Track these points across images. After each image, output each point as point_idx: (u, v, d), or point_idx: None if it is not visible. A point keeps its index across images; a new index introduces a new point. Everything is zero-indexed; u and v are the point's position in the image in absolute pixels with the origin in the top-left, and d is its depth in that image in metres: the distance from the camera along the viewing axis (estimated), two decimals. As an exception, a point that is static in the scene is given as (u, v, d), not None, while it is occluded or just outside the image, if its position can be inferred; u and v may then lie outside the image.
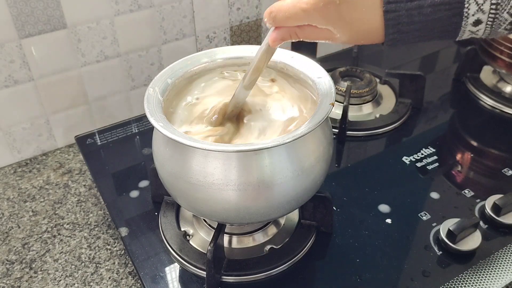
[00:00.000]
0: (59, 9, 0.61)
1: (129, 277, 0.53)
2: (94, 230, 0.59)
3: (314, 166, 0.44)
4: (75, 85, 0.68)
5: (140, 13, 0.68)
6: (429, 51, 0.90)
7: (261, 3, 0.78)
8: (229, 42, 0.79)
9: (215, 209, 0.44)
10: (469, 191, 0.59)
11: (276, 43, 0.41)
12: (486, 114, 0.75)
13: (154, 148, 0.46)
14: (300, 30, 0.39)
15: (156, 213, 0.57)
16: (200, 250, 0.52)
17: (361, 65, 0.81)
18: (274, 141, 0.39)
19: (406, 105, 0.73)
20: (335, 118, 0.69)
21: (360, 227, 0.55)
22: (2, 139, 0.67)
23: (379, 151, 0.67)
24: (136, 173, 0.63)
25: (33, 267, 0.54)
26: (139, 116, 0.73)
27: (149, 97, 0.45)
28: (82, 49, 0.66)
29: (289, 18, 0.38)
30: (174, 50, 0.74)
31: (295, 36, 0.40)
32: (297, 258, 0.51)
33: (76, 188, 0.65)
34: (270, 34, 0.41)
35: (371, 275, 0.50)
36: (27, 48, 0.62)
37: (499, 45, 0.72)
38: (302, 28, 0.39)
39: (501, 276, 0.49)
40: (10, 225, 0.60)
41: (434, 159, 0.64)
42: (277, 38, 0.40)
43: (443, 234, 0.52)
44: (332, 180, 0.61)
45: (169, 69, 0.49)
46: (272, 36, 0.40)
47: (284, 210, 0.46)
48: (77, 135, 0.69)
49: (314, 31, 0.38)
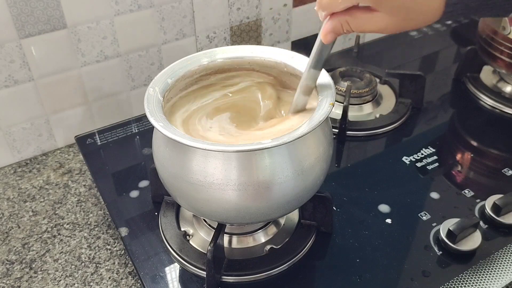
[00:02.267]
0: (59, 9, 0.61)
1: (129, 277, 0.53)
2: (94, 230, 0.59)
3: (314, 166, 0.44)
4: (75, 85, 0.68)
5: (140, 13, 0.68)
6: (429, 51, 0.90)
7: (261, 3, 0.78)
8: (229, 42, 0.79)
9: (215, 209, 0.44)
10: (469, 191, 0.59)
11: (328, 37, 0.38)
12: (486, 114, 0.75)
13: (154, 148, 0.46)
14: (351, 18, 0.37)
15: (156, 213, 0.57)
16: (200, 250, 0.52)
17: (361, 65, 0.81)
18: (274, 141, 0.39)
19: (406, 105, 0.73)
20: (335, 118, 0.69)
21: (360, 227, 0.55)
22: (2, 139, 0.67)
23: (379, 151, 0.67)
24: (136, 173, 0.63)
25: (33, 267, 0.54)
26: (139, 116, 0.73)
27: (149, 97, 0.45)
28: (82, 49, 0.66)
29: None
30: (174, 50, 0.74)
31: (346, 26, 0.37)
32: (297, 258, 0.51)
33: (76, 188, 0.65)
34: (321, 29, 0.38)
35: (371, 275, 0.50)
36: (27, 48, 0.62)
37: (499, 45, 0.72)
38: (353, 15, 0.37)
39: (501, 276, 0.49)
40: (10, 225, 0.60)
41: (434, 159, 0.64)
42: (328, 30, 0.38)
43: (443, 234, 0.52)
44: (332, 180, 0.61)
45: (169, 69, 0.49)
46: (324, 30, 0.38)
47: (284, 210, 0.46)
48: (77, 135, 0.69)
49: (365, 17, 0.36)
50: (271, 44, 0.84)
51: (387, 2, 0.35)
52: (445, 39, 0.94)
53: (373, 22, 0.37)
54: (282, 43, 0.85)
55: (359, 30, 0.38)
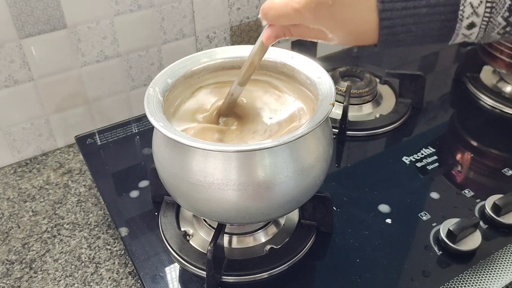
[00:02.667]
0: (59, 9, 0.61)
1: (129, 277, 0.53)
2: (94, 230, 0.59)
3: (314, 166, 0.44)
4: (75, 85, 0.68)
5: (140, 13, 0.68)
6: (429, 51, 0.90)
7: (261, 3, 0.78)
8: (229, 42, 0.79)
9: (215, 209, 0.44)
10: (469, 191, 0.59)
11: (269, 41, 0.41)
12: (486, 114, 0.75)
13: (154, 148, 0.46)
14: (293, 28, 0.39)
15: (156, 213, 0.57)
16: (200, 250, 0.52)
17: (361, 65, 0.81)
18: (274, 141, 0.39)
19: (406, 105, 0.73)
20: (335, 118, 0.69)
21: (360, 227, 0.55)
22: (2, 139, 0.67)
23: (379, 151, 0.67)
24: (136, 173, 0.63)
25: (33, 267, 0.54)
26: (139, 116, 0.73)
27: (149, 97, 0.45)
28: (82, 49, 0.66)
29: (281, 16, 0.37)
30: (174, 50, 0.74)
31: (288, 34, 0.40)
32: (297, 258, 0.51)
33: (76, 188, 0.65)
34: (264, 31, 0.41)
35: (371, 275, 0.50)
36: (27, 48, 0.62)
37: (499, 45, 0.72)
38: (295, 27, 0.38)
39: (501, 276, 0.49)
40: (10, 225, 0.60)
41: (434, 159, 0.64)
42: (270, 35, 0.40)
43: (443, 234, 0.52)
44: (332, 180, 0.61)
45: (169, 69, 0.49)
46: (266, 34, 0.40)
47: (284, 210, 0.46)
48: (77, 135, 0.69)
49: (307, 30, 0.38)
50: (271, 44, 0.84)
51: (327, 26, 0.36)
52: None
53: (313, 34, 0.38)
54: (282, 43, 0.85)
55: (300, 37, 0.39)
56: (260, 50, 0.43)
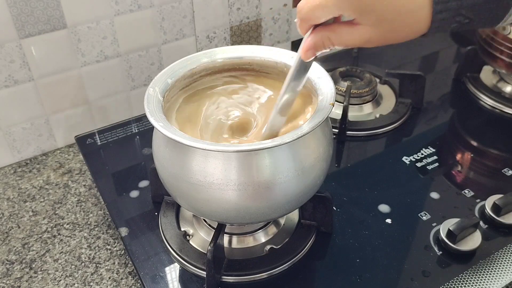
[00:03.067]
0: (59, 9, 0.61)
1: (129, 277, 0.53)
2: (94, 230, 0.59)
3: (314, 166, 0.44)
4: (75, 85, 0.68)
5: (140, 13, 0.68)
6: (429, 51, 0.90)
7: (261, 3, 0.78)
8: (229, 42, 0.79)
9: (215, 209, 0.44)
10: (469, 191, 0.59)
11: (308, 54, 0.37)
12: (486, 114, 0.75)
13: (154, 148, 0.46)
14: (333, 34, 0.36)
15: (156, 213, 0.57)
16: (200, 250, 0.52)
17: (361, 65, 0.81)
18: (274, 141, 0.39)
19: (406, 105, 0.73)
20: (335, 118, 0.69)
21: (360, 227, 0.55)
22: (2, 139, 0.67)
23: (379, 151, 0.67)
24: (136, 173, 0.63)
25: (33, 267, 0.54)
26: (139, 116, 0.73)
27: (149, 97, 0.45)
28: (82, 49, 0.66)
29: (316, 7, 0.34)
30: (174, 50, 0.74)
31: (328, 42, 0.36)
32: (297, 258, 0.51)
33: (76, 188, 0.65)
34: (301, 45, 0.37)
35: (371, 275, 0.50)
36: (27, 48, 0.62)
37: (499, 45, 0.72)
38: (335, 30, 0.36)
39: (501, 276, 0.49)
40: (10, 225, 0.60)
41: (434, 159, 0.64)
42: (309, 46, 0.36)
43: (443, 234, 0.52)
44: (332, 180, 0.61)
45: (169, 69, 0.49)
46: (304, 46, 0.36)
47: (284, 210, 0.46)
48: (77, 135, 0.69)
49: (348, 31, 0.35)
50: (271, 44, 0.84)
51: (369, 14, 0.34)
52: (445, 39, 0.94)
53: (356, 35, 0.35)
54: (282, 43, 0.85)
55: (342, 45, 0.36)
56: (298, 70, 0.39)
